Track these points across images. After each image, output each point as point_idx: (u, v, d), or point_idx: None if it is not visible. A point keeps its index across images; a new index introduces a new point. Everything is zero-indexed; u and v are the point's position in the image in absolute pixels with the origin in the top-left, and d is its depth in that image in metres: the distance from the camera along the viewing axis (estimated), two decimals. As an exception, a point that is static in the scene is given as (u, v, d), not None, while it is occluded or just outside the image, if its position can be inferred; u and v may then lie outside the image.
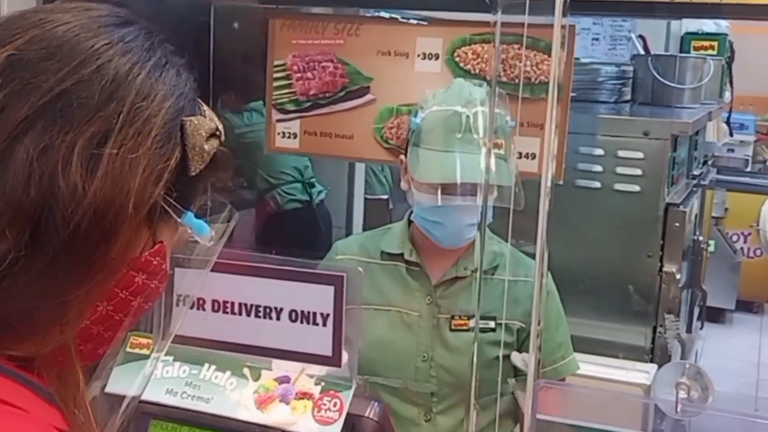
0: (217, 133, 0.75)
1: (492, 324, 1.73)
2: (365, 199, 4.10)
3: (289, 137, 2.45)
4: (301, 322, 1.10)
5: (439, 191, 1.66)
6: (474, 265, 1.78)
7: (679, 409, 1.10)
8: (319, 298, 1.09)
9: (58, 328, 0.68)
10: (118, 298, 0.72)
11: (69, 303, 0.67)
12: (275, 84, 2.43)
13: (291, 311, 1.12)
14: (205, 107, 0.77)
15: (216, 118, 0.77)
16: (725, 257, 5.47)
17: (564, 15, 1.34)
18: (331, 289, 1.08)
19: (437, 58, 2.33)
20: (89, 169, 0.65)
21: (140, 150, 0.68)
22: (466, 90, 1.75)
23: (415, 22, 2.47)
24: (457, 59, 2.32)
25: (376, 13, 2.53)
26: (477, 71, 2.31)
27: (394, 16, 2.44)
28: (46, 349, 0.68)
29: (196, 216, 0.77)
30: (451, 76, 2.31)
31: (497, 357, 1.69)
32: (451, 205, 1.65)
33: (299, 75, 2.43)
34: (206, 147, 0.73)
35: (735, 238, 5.75)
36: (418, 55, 2.34)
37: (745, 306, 5.78)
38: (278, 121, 2.45)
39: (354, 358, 1.13)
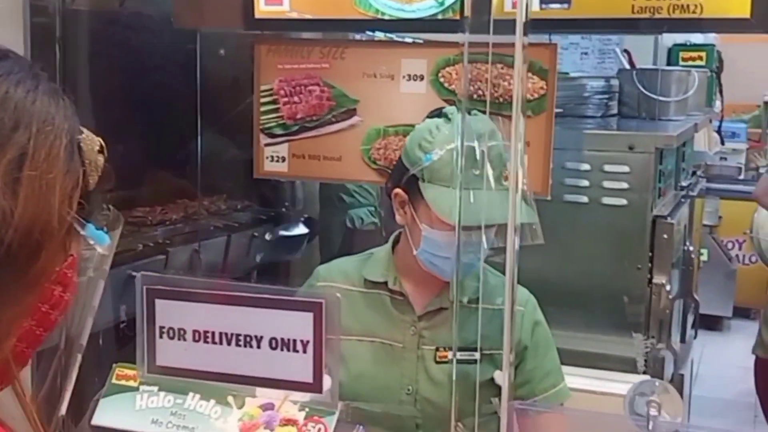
0: (102, 148, 0.81)
1: (476, 355, 1.68)
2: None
3: (277, 161, 2.48)
4: (282, 350, 1.12)
5: (453, 228, 1.61)
6: (461, 296, 1.73)
7: (651, 427, 1.12)
8: (298, 325, 1.11)
9: (4, 341, 0.72)
10: (40, 312, 0.76)
11: (6, 320, 0.71)
12: (262, 108, 2.46)
13: (271, 339, 1.13)
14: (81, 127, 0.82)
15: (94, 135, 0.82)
16: (720, 265, 5.49)
17: (525, 34, 1.37)
18: (310, 315, 1.10)
19: (422, 78, 2.36)
20: (13, 191, 0.70)
21: (54, 170, 0.73)
22: (472, 124, 1.70)
23: (406, 39, 2.49)
24: (442, 79, 2.35)
25: (366, 34, 2.55)
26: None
27: (379, 38, 2.46)
28: None
29: (96, 228, 0.81)
30: (437, 96, 2.34)
31: (481, 385, 1.64)
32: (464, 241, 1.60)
33: (286, 99, 2.46)
34: (97, 161, 0.79)
35: (730, 245, 5.77)
36: (403, 77, 2.37)
37: (742, 313, 5.79)
38: (266, 145, 2.47)
39: (335, 383, 1.14)
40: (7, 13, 2.30)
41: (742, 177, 6.09)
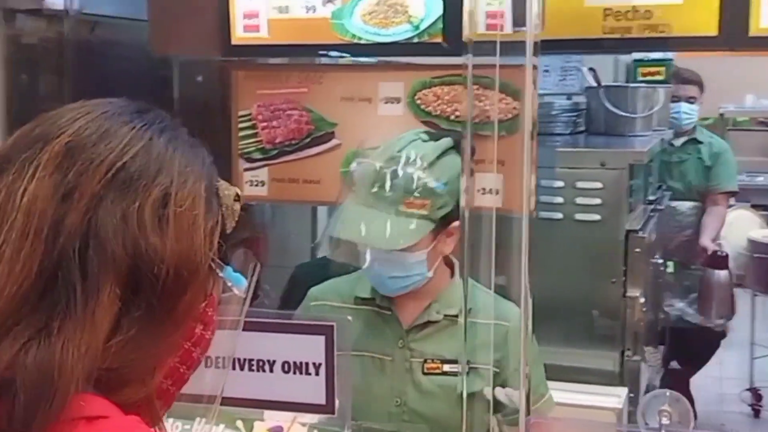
0: (238, 196, 0.85)
1: (463, 368, 1.73)
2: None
3: (257, 185, 2.50)
4: (294, 373, 1.15)
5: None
6: (447, 310, 1.81)
7: None
8: (310, 348, 1.13)
9: (150, 376, 0.75)
10: (183, 349, 0.79)
11: (159, 353, 0.75)
12: (241, 134, 2.47)
13: (284, 363, 1.16)
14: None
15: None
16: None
17: (536, 55, 1.41)
18: (321, 338, 1.12)
19: (399, 101, 2.39)
20: (161, 229, 0.74)
21: (197, 209, 0.77)
22: (398, 145, 1.80)
23: (375, 60, 2.53)
24: (419, 102, 2.39)
25: (340, 57, 2.59)
26: (438, 112, 2.37)
27: (356, 62, 2.50)
28: (138, 396, 0.75)
29: (234, 270, 0.85)
30: (414, 118, 2.38)
31: (471, 397, 1.71)
32: (368, 257, 1.75)
33: (265, 124, 2.48)
34: (235, 208, 0.83)
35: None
36: (381, 100, 2.40)
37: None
38: (246, 169, 2.49)
39: (347, 404, 1.17)
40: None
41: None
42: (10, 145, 0.77)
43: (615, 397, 2.26)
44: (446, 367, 1.78)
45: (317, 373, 1.14)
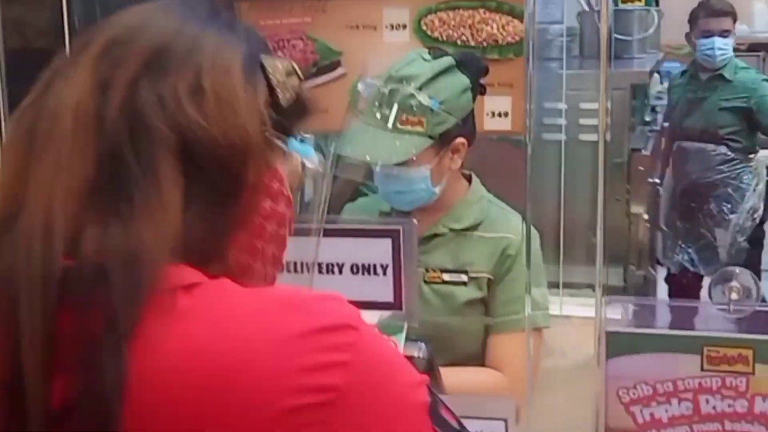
0: (295, 70, 0.84)
1: (464, 278, 1.82)
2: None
3: (265, 116, 2.51)
4: (363, 274, 1.19)
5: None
6: (453, 224, 1.87)
7: (731, 309, 1.24)
8: (378, 250, 1.18)
9: (226, 250, 0.77)
10: (255, 224, 0.80)
11: (230, 227, 0.77)
12: (247, 65, 2.48)
13: (352, 265, 1.20)
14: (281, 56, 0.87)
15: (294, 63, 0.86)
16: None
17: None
18: (388, 241, 1.17)
19: (405, 28, 2.41)
20: (198, 102, 0.75)
21: (233, 80, 0.77)
22: (398, 65, 1.83)
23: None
24: (425, 28, 2.40)
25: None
26: (445, 38, 2.39)
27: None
28: (220, 273, 0.75)
29: (300, 141, 0.85)
30: (420, 44, 2.39)
31: (467, 305, 1.80)
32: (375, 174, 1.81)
33: (270, 54, 2.49)
34: (288, 82, 0.82)
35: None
36: (386, 27, 2.41)
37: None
38: (253, 101, 2.50)
39: (413, 301, 1.22)
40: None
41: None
42: (62, 58, 0.80)
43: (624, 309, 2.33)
44: (446, 277, 1.84)
45: (384, 274, 1.19)
